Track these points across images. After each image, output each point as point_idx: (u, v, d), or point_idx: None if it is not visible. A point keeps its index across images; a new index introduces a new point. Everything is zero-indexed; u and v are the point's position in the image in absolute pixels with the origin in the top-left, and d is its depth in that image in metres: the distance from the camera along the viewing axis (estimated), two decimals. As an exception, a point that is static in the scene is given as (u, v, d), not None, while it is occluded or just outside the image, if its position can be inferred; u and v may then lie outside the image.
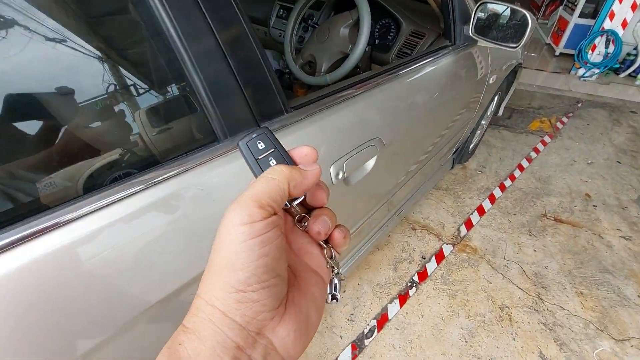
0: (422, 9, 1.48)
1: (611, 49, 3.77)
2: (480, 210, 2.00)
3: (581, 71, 3.93)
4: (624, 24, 3.69)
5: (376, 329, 1.43)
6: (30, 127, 0.43)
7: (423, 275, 1.64)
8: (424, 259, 1.71)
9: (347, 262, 1.30)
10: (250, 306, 0.20)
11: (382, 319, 1.47)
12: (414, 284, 1.60)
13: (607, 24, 3.75)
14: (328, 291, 0.27)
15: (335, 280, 0.27)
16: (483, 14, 1.17)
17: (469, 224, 1.90)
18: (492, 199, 2.08)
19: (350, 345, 1.38)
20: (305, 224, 0.27)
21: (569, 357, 1.34)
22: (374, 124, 0.88)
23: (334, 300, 0.27)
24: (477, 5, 1.15)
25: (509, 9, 1.12)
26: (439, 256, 1.72)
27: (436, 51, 1.19)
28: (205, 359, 0.19)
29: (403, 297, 1.55)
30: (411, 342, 1.39)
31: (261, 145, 0.26)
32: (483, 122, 2.21)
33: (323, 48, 1.33)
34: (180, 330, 0.21)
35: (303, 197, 0.26)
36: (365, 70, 1.49)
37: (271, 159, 0.26)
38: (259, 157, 0.26)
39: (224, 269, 0.20)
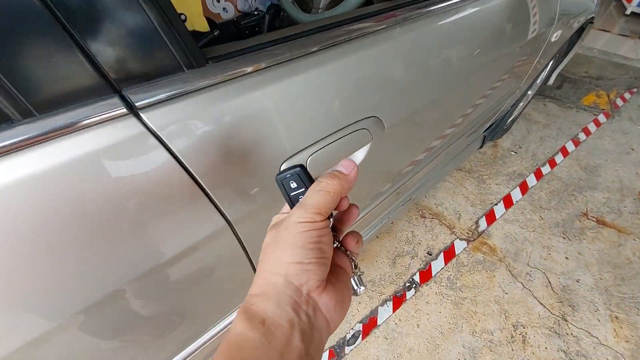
0: None
1: (703, 8, 3.03)
2: (507, 201, 1.66)
3: (657, 35, 3.24)
4: None
5: (361, 335, 1.22)
6: None
7: (426, 275, 1.38)
8: (430, 255, 1.43)
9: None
10: (306, 273, 0.27)
11: (370, 324, 1.24)
12: (414, 285, 1.35)
13: None
14: (355, 286, 0.33)
15: (356, 278, 0.33)
16: None
17: (490, 217, 1.59)
18: (523, 187, 1.73)
19: (327, 351, 1.18)
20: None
21: (591, 397, 1.10)
22: (368, 93, 0.55)
23: (361, 289, 0.33)
24: None
25: None
26: (449, 253, 1.44)
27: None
28: (273, 310, 0.26)
29: (398, 300, 1.31)
30: (400, 355, 1.17)
31: (293, 185, 0.31)
32: (530, 92, 1.79)
33: (323, -28, 0.95)
34: (247, 298, 0.27)
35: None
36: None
37: (301, 197, 0.30)
38: (291, 194, 0.31)
39: (288, 247, 0.27)
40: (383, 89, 0.57)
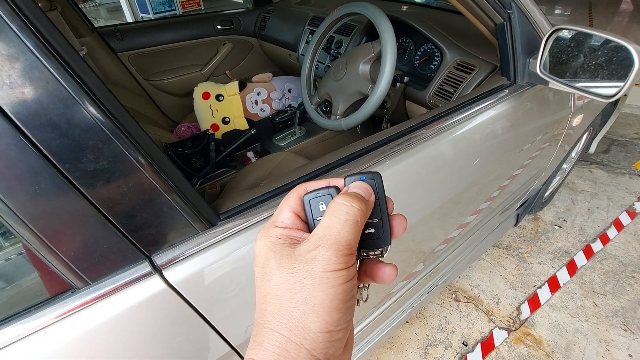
0: (475, 32, 1.16)
1: None
2: (553, 284, 1.53)
3: None
4: None
5: None
6: None
7: (462, 369, 1.28)
8: (466, 346, 1.34)
9: (362, 345, 1.02)
10: (334, 344, 0.21)
11: None
12: (449, 381, 1.25)
13: None
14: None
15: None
16: (558, 45, 0.82)
17: (534, 303, 1.46)
18: (571, 268, 1.60)
19: None
20: None
21: None
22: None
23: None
24: (550, 32, 0.81)
25: (601, 38, 0.75)
26: (487, 345, 1.33)
27: (486, 95, 0.88)
28: None
29: (431, 398, 1.21)
30: None
31: (322, 207, 0.25)
32: (565, 165, 1.74)
33: (339, 87, 1.10)
34: None
35: None
36: (395, 110, 1.21)
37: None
38: (316, 218, 0.25)
39: (318, 310, 0.21)
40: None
